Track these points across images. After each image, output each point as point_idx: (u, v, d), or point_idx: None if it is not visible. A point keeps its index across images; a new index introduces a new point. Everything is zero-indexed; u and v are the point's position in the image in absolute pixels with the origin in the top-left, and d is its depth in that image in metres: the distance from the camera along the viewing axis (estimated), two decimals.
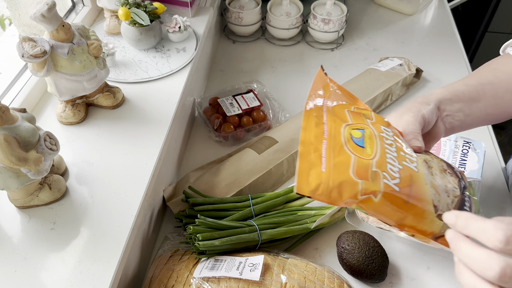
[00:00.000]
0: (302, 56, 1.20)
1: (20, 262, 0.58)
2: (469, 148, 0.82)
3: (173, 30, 0.92)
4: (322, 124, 0.50)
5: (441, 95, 0.62)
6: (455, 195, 0.51)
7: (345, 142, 0.49)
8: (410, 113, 0.58)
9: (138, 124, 0.77)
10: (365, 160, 0.47)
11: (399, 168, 0.48)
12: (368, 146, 0.49)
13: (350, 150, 0.48)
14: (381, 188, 0.46)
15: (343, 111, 0.54)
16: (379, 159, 0.48)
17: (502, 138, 2.16)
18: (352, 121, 0.53)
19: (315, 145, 0.48)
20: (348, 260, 0.71)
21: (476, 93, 0.64)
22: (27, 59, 0.63)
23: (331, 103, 0.54)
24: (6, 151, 0.54)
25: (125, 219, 0.63)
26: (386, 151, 0.49)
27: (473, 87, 0.65)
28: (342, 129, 0.50)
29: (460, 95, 0.63)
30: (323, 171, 0.45)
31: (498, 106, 0.66)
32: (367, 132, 0.51)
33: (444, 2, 1.42)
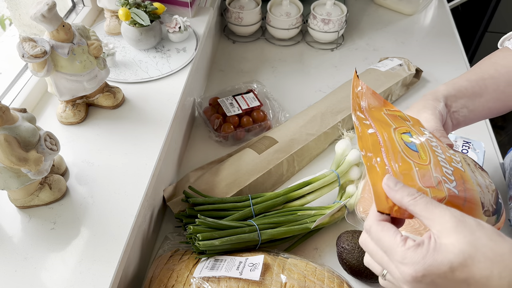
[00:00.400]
0: (302, 56, 1.20)
1: (20, 262, 0.58)
2: (469, 148, 0.82)
3: (173, 30, 0.92)
4: (372, 129, 0.49)
5: (447, 91, 0.63)
6: (492, 189, 0.51)
7: (401, 149, 0.47)
8: (428, 110, 0.58)
9: (138, 124, 0.77)
10: (424, 166, 0.46)
11: (451, 171, 0.47)
12: (421, 150, 0.48)
13: (408, 157, 0.47)
14: (446, 194, 0.45)
15: (381, 114, 0.53)
16: (434, 163, 0.47)
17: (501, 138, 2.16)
18: (395, 125, 0.51)
19: (375, 154, 0.46)
20: (348, 260, 0.71)
21: (478, 88, 0.65)
22: (27, 59, 0.63)
23: (368, 105, 0.54)
24: (7, 151, 0.54)
25: (125, 219, 0.63)
26: (436, 154, 0.48)
27: (475, 82, 0.65)
28: (393, 134, 0.49)
29: (464, 90, 0.64)
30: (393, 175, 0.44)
31: (500, 99, 0.66)
32: (414, 136, 0.50)
33: (444, 2, 1.42)
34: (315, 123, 0.92)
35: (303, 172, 0.90)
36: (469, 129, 0.94)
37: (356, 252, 0.70)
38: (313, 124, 0.92)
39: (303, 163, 0.91)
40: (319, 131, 0.91)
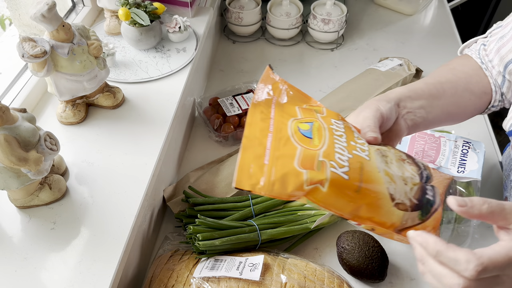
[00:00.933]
0: (302, 56, 1.20)
1: (20, 262, 0.58)
2: (469, 148, 0.82)
3: (173, 30, 0.92)
4: (268, 119, 0.49)
5: (401, 93, 0.63)
6: (414, 183, 0.50)
7: (291, 134, 0.48)
8: (368, 109, 0.58)
9: (138, 124, 0.77)
10: (311, 150, 0.46)
11: (348, 157, 0.47)
12: (316, 137, 0.48)
13: (297, 141, 0.47)
14: (328, 176, 0.44)
15: (294, 108, 0.53)
16: (327, 149, 0.47)
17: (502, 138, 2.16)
18: (302, 116, 0.52)
19: (260, 139, 0.46)
20: (348, 260, 0.71)
21: (436, 90, 0.65)
22: (27, 59, 0.63)
23: (281, 101, 0.53)
24: (6, 151, 0.54)
25: (125, 219, 0.63)
26: (335, 141, 0.48)
27: (433, 85, 0.65)
28: (289, 122, 0.49)
29: (420, 92, 0.64)
30: (266, 164, 0.44)
31: (458, 104, 0.67)
32: (316, 125, 0.50)
33: (444, 2, 1.42)
34: None
35: None
36: (469, 129, 0.94)
37: (356, 252, 0.70)
38: None
39: None
40: None
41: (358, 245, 0.71)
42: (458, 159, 0.80)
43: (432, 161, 0.80)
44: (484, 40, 0.72)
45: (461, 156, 0.80)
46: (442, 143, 0.83)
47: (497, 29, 0.70)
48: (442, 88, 0.65)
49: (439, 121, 0.66)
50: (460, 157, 0.80)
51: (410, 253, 0.77)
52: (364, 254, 0.70)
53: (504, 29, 0.67)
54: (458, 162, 0.79)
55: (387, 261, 0.72)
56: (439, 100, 0.65)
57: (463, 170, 0.78)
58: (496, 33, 0.69)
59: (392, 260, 0.75)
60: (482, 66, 0.70)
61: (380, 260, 0.70)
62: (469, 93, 0.68)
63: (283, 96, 0.54)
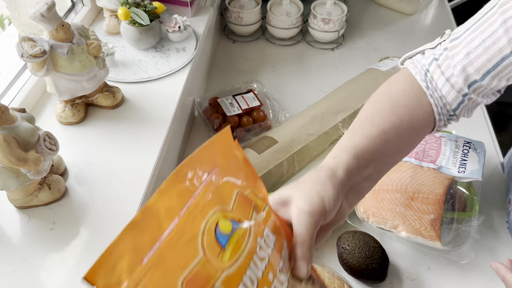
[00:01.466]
0: (302, 56, 1.20)
1: (19, 262, 0.58)
2: (470, 148, 0.81)
3: (172, 30, 0.92)
4: (189, 197, 0.35)
5: (348, 165, 0.50)
6: None
7: (202, 231, 0.34)
8: (308, 201, 0.44)
9: (138, 124, 0.77)
10: (212, 268, 0.33)
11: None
12: (230, 249, 0.35)
13: (203, 245, 0.33)
14: None
15: (232, 191, 0.39)
16: (233, 274, 0.34)
17: (502, 138, 2.16)
18: (233, 208, 0.38)
19: (161, 221, 0.32)
20: (348, 260, 0.71)
21: (382, 148, 0.54)
22: (26, 59, 0.63)
23: (220, 178, 0.39)
24: (6, 151, 0.54)
25: (125, 219, 0.63)
26: (249, 266, 0.36)
27: (379, 139, 0.54)
28: (212, 210, 0.36)
29: (368, 157, 0.52)
30: (143, 264, 0.30)
31: (401, 150, 0.58)
32: (240, 232, 0.37)
33: (444, 2, 1.42)
34: (315, 123, 0.91)
35: (303, 172, 0.90)
36: (470, 129, 0.94)
37: (356, 253, 0.70)
38: (313, 124, 0.91)
39: (303, 163, 0.91)
40: (319, 131, 0.90)
41: (358, 245, 0.70)
42: (459, 159, 0.80)
43: (432, 161, 0.79)
44: (435, 54, 0.59)
45: (462, 156, 0.80)
46: (442, 143, 0.82)
47: (454, 41, 0.57)
48: (387, 139, 0.54)
49: (381, 177, 0.57)
50: (461, 157, 0.80)
51: (411, 253, 0.77)
52: (365, 254, 0.70)
53: (469, 45, 0.55)
54: (459, 162, 0.79)
55: (387, 262, 0.72)
56: (385, 158, 0.55)
57: (463, 170, 0.77)
58: (455, 46, 0.56)
59: (392, 261, 0.75)
60: (427, 93, 0.58)
61: (380, 261, 0.70)
62: (413, 133, 0.58)
63: (227, 168, 0.40)
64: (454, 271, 0.74)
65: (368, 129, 0.55)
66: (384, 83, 0.63)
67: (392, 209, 0.75)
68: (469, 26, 0.56)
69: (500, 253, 0.77)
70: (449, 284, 0.73)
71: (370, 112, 0.58)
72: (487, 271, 0.74)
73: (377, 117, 0.56)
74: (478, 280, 0.74)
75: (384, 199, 0.76)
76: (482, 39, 0.53)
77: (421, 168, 0.78)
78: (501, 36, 0.51)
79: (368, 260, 0.69)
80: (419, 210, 0.74)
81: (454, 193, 0.78)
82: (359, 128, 0.55)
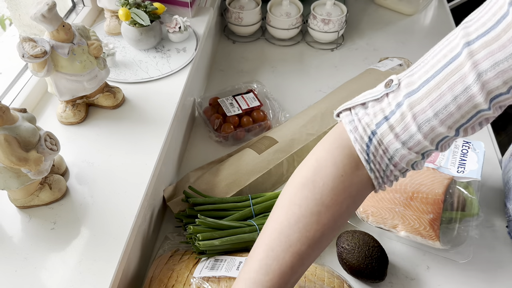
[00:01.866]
0: (302, 56, 1.20)
1: (20, 262, 0.58)
2: (469, 148, 0.82)
3: (173, 30, 0.92)
4: None
5: None
6: None
7: None
8: None
9: (138, 124, 0.77)
10: None
11: None
12: None
13: None
14: None
15: None
16: None
17: (502, 138, 2.16)
18: None
19: None
20: (348, 260, 0.71)
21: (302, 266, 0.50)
22: (27, 59, 0.63)
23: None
24: (7, 151, 0.54)
25: (125, 219, 0.63)
26: None
27: (298, 265, 0.49)
28: None
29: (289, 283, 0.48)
30: None
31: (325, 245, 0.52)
32: None
33: (444, 2, 1.42)
34: (315, 123, 0.92)
35: None
36: None
37: (356, 252, 0.70)
38: (313, 124, 0.92)
39: None
40: (319, 131, 0.91)
41: (358, 245, 0.71)
42: (458, 159, 0.80)
43: (432, 161, 0.80)
44: (384, 111, 0.49)
45: (461, 156, 0.80)
46: None
47: (412, 96, 0.47)
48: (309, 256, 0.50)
49: None
50: (460, 157, 0.80)
51: (410, 253, 0.77)
52: (364, 254, 0.70)
53: (437, 103, 0.45)
54: (458, 162, 0.79)
55: (387, 261, 0.72)
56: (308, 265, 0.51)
57: (463, 170, 0.78)
58: (415, 103, 0.47)
59: (392, 260, 0.75)
60: (367, 167, 0.50)
61: (380, 260, 0.70)
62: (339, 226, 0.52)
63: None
64: (453, 271, 0.75)
65: (267, 261, 0.48)
66: (311, 158, 0.54)
67: (391, 209, 0.75)
68: (429, 77, 0.46)
69: (499, 253, 0.77)
70: (448, 284, 0.73)
71: (287, 225, 0.49)
72: (486, 270, 0.75)
73: (293, 238, 0.48)
74: (477, 279, 0.74)
75: (383, 199, 0.76)
76: (453, 96, 0.44)
77: None
78: (477, 92, 0.43)
79: (368, 260, 0.70)
80: (419, 209, 0.74)
81: (453, 193, 0.79)
82: (271, 258, 0.48)
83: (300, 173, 0.53)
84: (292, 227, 0.49)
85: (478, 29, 0.43)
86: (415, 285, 0.73)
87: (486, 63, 0.42)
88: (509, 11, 0.40)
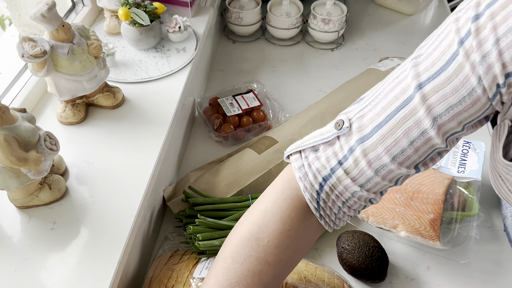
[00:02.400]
0: (302, 56, 1.20)
1: (20, 262, 0.58)
2: (469, 148, 0.82)
3: (173, 30, 0.92)
4: None
5: None
6: None
7: None
8: None
9: (138, 124, 0.77)
10: None
11: None
12: None
13: None
14: None
15: None
16: None
17: None
18: None
19: None
20: (348, 260, 0.71)
21: None
22: (27, 59, 0.63)
23: None
24: (6, 151, 0.54)
25: (125, 219, 0.63)
26: None
27: None
28: None
29: None
30: None
31: None
32: None
33: (444, 2, 1.42)
34: (315, 123, 0.92)
35: None
36: None
37: (356, 252, 0.70)
38: (313, 124, 0.91)
39: None
40: None
41: (358, 245, 0.71)
42: (458, 159, 0.80)
43: None
44: (337, 155, 0.48)
45: (461, 156, 0.80)
46: None
47: (365, 141, 0.46)
48: None
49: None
50: (460, 157, 0.80)
51: (410, 253, 0.77)
52: (364, 254, 0.70)
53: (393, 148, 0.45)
54: (458, 162, 0.79)
55: (387, 261, 0.72)
56: None
57: (463, 170, 0.78)
58: (369, 149, 0.46)
59: (392, 260, 0.75)
60: (316, 214, 0.50)
61: (380, 260, 0.70)
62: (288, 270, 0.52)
63: None
64: (454, 271, 0.75)
65: None
66: (260, 208, 0.51)
67: (391, 209, 0.75)
68: (381, 122, 0.45)
69: (499, 253, 0.77)
70: (448, 284, 0.73)
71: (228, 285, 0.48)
72: (486, 270, 0.75)
73: None
74: (477, 279, 0.74)
75: (383, 199, 0.76)
76: (409, 140, 0.44)
77: None
78: (434, 136, 0.43)
79: (368, 260, 0.70)
80: (419, 209, 0.74)
81: (453, 193, 0.79)
82: None
83: (246, 225, 0.51)
84: (234, 287, 0.48)
85: (428, 69, 0.42)
86: (415, 285, 0.73)
87: (440, 107, 0.42)
88: (458, 51, 0.40)
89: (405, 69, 0.45)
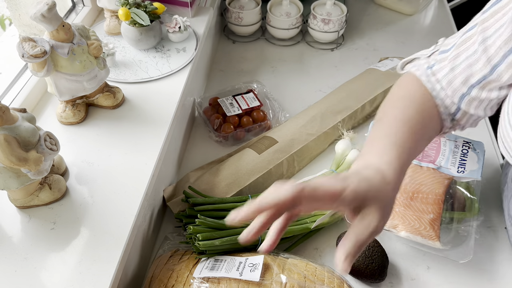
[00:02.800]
0: (302, 56, 1.20)
1: (20, 262, 0.58)
2: (469, 148, 0.82)
3: (173, 30, 0.92)
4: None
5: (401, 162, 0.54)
6: None
7: None
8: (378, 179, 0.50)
9: (138, 124, 0.77)
10: None
11: None
12: None
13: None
14: None
15: None
16: None
17: None
18: None
19: None
20: None
21: (414, 145, 0.58)
22: (27, 59, 0.63)
23: None
24: (6, 151, 0.54)
25: (125, 219, 0.63)
26: None
27: (411, 138, 0.57)
28: None
29: (408, 158, 0.56)
30: None
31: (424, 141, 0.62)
32: None
33: (444, 2, 1.42)
34: (315, 123, 0.92)
35: (303, 172, 0.90)
36: (469, 129, 0.94)
37: None
38: (313, 124, 0.92)
39: (303, 163, 0.91)
40: (319, 131, 0.91)
41: None
42: (458, 159, 0.80)
43: (432, 161, 0.80)
44: (429, 63, 0.65)
45: (461, 156, 0.80)
46: (442, 143, 0.83)
47: (442, 54, 0.64)
48: (418, 137, 0.59)
49: None
50: (460, 157, 0.80)
51: (411, 253, 0.77)
52: (364, 254, 0.70)
53: (455, 60, 0.61)
54: (458, 162, 0.79)
55: (387, 261, 0.72)
56: (416, 152, 0.60)
57: (463, 170, 0.78)
58: (443, 59, 0.63)
59: (392, 260, 0.75)
60: (432, 93, 0.63)
61: (380, 260, 0.70)
62: (428, 130, 0.62)
63: None
64: (454, 271, 0.75)
65: (400, 127, 0.58)
66: (394, 86, 0.67)
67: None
68: (456, 41, 0.62)
69: (499, 253, 0.77)
70: (448, 284, 0.73)
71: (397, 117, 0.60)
72: (486, 270, 0.75)
73: (402, 116, 0.60)
74: (477, 279, 0.74)
75: None
76: (466, 56, 0.59)
77: (421, 168, 0.78)
78: (480, 56, 0.56)
79: (368, 260, 0.70)
80: (419, 209, 0.74)
81: (453, 193, 0.79)
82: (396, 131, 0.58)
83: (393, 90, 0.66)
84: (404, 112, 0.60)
85: None
86: (415, 285, 0.73)
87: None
88: None
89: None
